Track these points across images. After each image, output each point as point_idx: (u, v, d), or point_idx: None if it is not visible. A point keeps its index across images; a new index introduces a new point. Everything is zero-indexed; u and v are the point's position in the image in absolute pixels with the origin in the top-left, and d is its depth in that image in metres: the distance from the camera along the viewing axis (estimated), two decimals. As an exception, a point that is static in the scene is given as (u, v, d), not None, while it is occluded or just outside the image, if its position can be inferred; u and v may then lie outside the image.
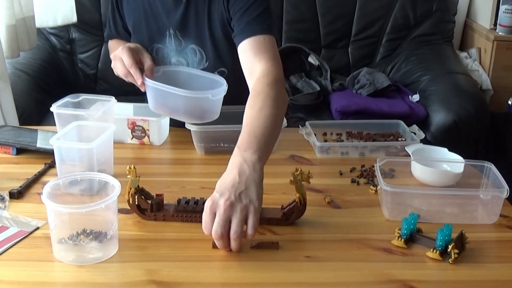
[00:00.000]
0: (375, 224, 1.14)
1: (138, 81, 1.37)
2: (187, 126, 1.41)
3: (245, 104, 1.29)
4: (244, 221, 1.01)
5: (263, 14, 1.43)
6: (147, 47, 1.56)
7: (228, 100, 1.44)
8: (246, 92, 1.44)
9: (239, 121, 1.45)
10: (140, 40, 1.57)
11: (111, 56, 1.45)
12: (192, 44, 1.53)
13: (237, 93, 1.46)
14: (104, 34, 1.79)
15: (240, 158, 1.11)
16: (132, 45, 1.45)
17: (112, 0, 1.64)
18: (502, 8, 2.71)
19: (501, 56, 2.70)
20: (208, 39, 1.52)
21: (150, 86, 1.38)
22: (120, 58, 1.38)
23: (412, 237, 1.07)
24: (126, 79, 1.41)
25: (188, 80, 1.46)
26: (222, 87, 1.40)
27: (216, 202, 1.01)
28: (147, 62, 1.41)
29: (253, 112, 1.24)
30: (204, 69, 1.54)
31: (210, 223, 1.01)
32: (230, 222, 1.01)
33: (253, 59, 1.38)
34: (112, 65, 1.46)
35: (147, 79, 1.38)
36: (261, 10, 1.42)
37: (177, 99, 1.36)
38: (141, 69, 1.40)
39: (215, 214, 1.01)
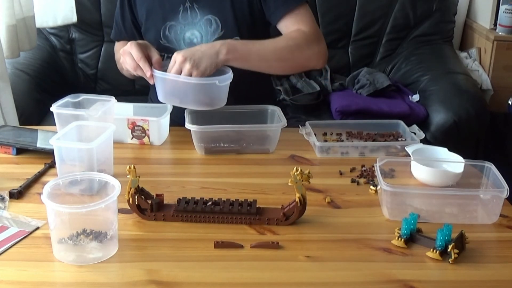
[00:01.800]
0: (375, 224, 1.14)
1: (147, 73, 1.43)
2: (187, 126, 1.41)
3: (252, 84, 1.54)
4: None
5: None
6: (160, 27, 1.63)
7: (238, 76, 1.47)
8: (261, 79, 1.60)
9: (239, 121, 1.46)
10: (154, 23, 1.65)
11: (120, 52, 1.49)
12: (209, 14, 1.60)
13: (253, 77, 1.57)
14: (111, 34, 1.84)
15: (219, 42, 1.46)
16: (140, 41, 1.50)
17: (126, 4, 1.71)
18: (502, 8, 2.71)
19: (501, 56, 2.70)
20: (228, 5, 1.60)
21: (159, 77, 1.43)
22: (129, 53, 1.44)
23: (412, 237, 1.07)
24: (135, 73, 1.46)
25: None
26: (228, 73, 1.44)
27: (177, 56, 1.39)
28: (155, 56, 1.46)
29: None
30: (218, 38, 1.60)
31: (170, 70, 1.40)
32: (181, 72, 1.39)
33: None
34: (121, 61, 1.51)
35: (155, 70, 1.43)
36: None
37: (186, 87, 1.41)
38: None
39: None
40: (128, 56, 1.44)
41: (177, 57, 1.39)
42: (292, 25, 1.60)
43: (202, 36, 1.62)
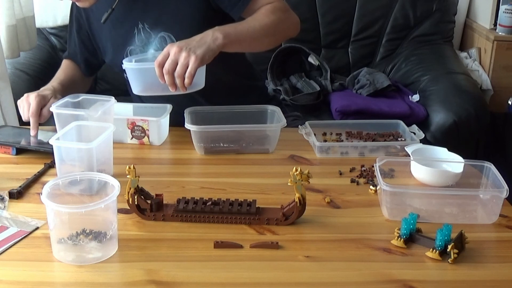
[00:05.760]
0: (375, 224, 1.14)
1: (32, 132, 1.46)
2: (187, 126, 1.41)
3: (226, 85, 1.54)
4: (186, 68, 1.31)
5: None
6: (122, 53, 1.60)
7: (212, 79, 1.45)
8: (227, 69, 1.57)
9: (239, 121, 1.46)
10: (116, 52, 1.62)
11: (23, 98, 1.49)
12: (161, 31, 1.56)
13: (217, 70, 1.49)
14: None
15: (210, 30, 1.38)
16: (42, 93, 1.50)
17: (74, 29, 1.72)
18: (502, 8, 2.71)
19: (501, 56, 2.70)
20: (176, 18, 1.55)
21: (135, 69, 1.41)
22: (29, 102, 1.46)
23: (412, 237, 1.07)
24: (24, 120, 1.49)
25: None
26: None
27: (171, 47, 1.32)
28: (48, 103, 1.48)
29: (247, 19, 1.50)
30: None
31: (163, 62, 1.32)
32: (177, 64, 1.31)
33: None
34: (18, 101, 1.51)
35: (130, 63, 1.42)
36: None
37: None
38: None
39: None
40: (26, 105, 1.46)
41: (171, 49, 1.32)
42: (257, 7, 1.54)
43: None
